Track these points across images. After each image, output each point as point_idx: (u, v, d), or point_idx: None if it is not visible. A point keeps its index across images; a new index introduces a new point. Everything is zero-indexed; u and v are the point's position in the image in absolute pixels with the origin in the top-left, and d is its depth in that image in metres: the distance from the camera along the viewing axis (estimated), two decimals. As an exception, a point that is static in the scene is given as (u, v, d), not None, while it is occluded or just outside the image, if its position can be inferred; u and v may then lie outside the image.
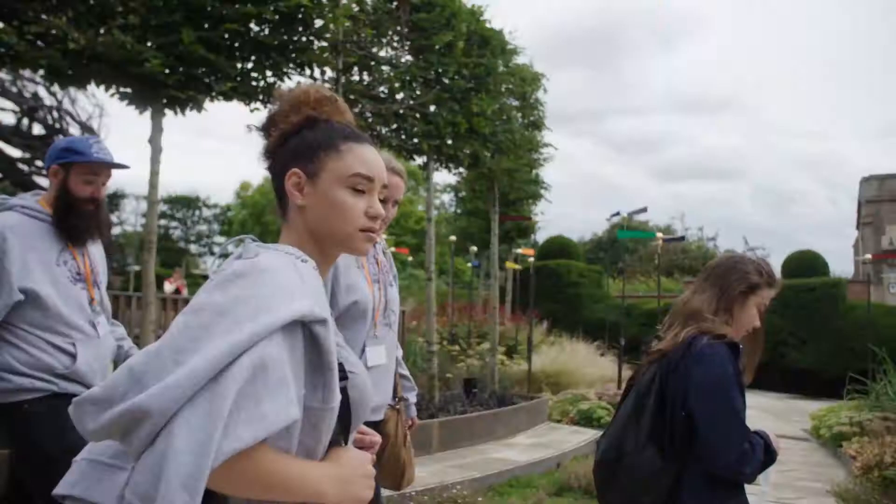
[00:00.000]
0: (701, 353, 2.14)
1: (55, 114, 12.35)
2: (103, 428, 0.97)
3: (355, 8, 6.79)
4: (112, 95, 5.41)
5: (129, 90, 5.37)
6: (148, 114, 5.41)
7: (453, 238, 11.97)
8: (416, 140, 7.22)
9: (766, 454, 2.14)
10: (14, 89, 11.33)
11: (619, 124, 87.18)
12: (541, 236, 19.12)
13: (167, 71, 5.29)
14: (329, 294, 2.24)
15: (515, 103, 9.41)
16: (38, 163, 12.49)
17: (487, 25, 8.35)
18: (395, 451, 2.57)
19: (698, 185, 78.77)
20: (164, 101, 5.46)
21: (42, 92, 11.70)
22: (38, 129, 12.52)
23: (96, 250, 2.69)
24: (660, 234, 8.81)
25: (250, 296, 1.04)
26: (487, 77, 7.98)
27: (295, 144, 1.26)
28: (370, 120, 6.81)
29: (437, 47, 7.38)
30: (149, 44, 5.19)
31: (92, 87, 5.55)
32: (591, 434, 7.77)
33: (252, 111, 5.94)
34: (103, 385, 1.00)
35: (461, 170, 8.20)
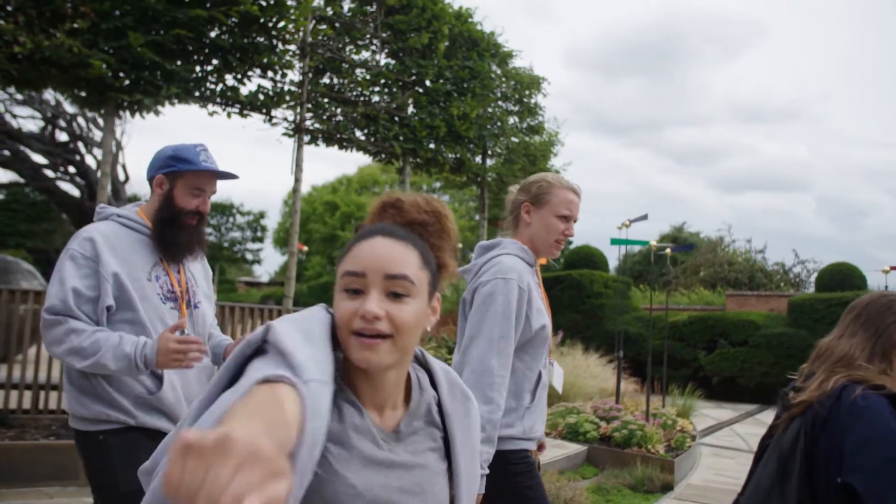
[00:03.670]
0: (854, 405, 1.76)
1: (79, 120, 12.75)
2: None
3: (329, 11, 6.77)
4: (66, 99, 5.51)
5: (83, 94, 5.46)
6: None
7: (460, 245, 11.85)
8: (390, 143, 7.11)
9: None
10: (35, 96, 11.75)
11: (679, 134, 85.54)
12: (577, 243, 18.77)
13: (120, 74, 5.36)
14: (522, 315, 2.20)
15: (514, 108, 9.22)
16: (62, 169, 12.95)
17: (477, 28, 8.23)
18: None
19: (761, 196, 76.45)
20: (125, 103, 5.53)
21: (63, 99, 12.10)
22: (61, 137, 12.95)
23: (198, 266, 2.49)
24: (653, 243, 8.44)
25: None
26: (472, 80, 7.83)
27: None
28: (339, 123, 6.75)
29: (416, 49, 7.29)
30: (101, 47, 5.25)
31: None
32: (574, 448, 7.47)
33: (210, 114, 5.96)
34: None
35: (446, 174, 8.05)
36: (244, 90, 6.04)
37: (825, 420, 1.80)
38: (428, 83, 7.47)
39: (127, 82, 5.36)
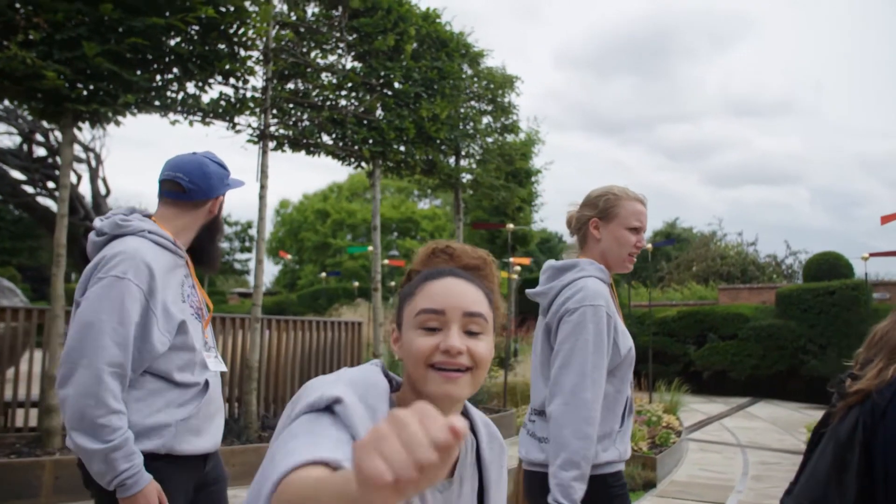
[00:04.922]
0: None
1: (56, 135, 12.64)
2: None
3: (293, 17, 6.72)
4: (24, 111, 5.44)
5: (41, 106, 5.38)
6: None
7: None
8: (358, 147, 7.06)
9: None
10: (11, 111, 11.64)
11: (672, 131, 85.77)
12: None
13: (78, 85, 5.29)
14: (610, 341, 2.16)
15: (487, 108, 9.17)
16: (41, 184, 12.85)
17: (446, 29, 8.18)
18: None
19: (755, 189, 76.65)
20: (83, 114, 5.46)
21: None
22: (38, 152, 12.85)
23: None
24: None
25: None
26: (442, 81, 7.78)
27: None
28: (305, 128, 6.69)
29: (382, 51, 7.24)
30: (56, 58, 5.18)
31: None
32: (556, 449, 7.41)
33: (172, 123, 5.90)
34: None
35: (417, 177, 7.99)
36: (206, 98, 5.98)
37: (885, 410, 1.70)
38: (397, 85, 7.41)
39: (85, 93, 5.29)
